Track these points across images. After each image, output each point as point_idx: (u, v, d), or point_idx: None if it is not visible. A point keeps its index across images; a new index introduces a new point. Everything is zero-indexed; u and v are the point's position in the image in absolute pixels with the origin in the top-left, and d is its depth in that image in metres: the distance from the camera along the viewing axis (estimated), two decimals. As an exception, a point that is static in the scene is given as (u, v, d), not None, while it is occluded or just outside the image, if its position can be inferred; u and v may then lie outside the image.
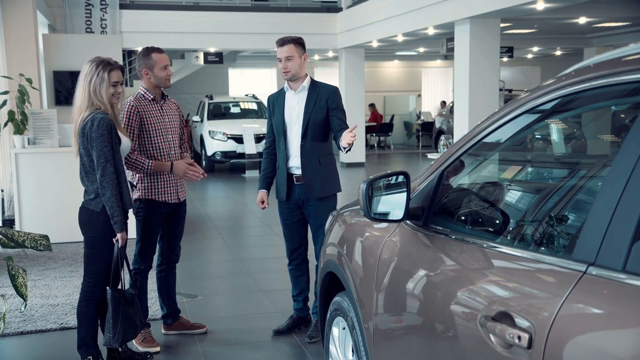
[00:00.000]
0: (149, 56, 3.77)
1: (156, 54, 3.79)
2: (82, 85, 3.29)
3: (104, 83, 3.26)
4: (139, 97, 3.79)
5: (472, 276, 1.72)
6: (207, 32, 13.66)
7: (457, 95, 10.10)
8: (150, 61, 3.76)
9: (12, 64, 7.86)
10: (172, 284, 4.10)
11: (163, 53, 3.84)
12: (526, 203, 2.22)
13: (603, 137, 2.30)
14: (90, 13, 12.64)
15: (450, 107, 15.66)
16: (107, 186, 3.20)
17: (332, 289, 2.84)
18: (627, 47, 1.59)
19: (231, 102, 15.82)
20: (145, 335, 3.87)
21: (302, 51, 3.87)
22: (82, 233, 3.39)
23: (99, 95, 3.26)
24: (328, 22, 14.40)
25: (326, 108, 3.84)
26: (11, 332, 4.19)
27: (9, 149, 7.15)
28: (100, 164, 3.20)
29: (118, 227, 3.26)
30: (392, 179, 2.12)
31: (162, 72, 3.77)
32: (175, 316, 4.15)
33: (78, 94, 3.30)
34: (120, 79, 3.34)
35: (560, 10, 10.10)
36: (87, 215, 3.35)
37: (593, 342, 1.28)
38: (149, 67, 3.77)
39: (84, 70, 3.31)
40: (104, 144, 3.19)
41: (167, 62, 3.82)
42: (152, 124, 3.76)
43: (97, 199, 3.28)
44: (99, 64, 3.28)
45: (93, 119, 3.22)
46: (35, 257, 6.06)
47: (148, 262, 3.89)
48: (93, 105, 3.27)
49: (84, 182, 3.36)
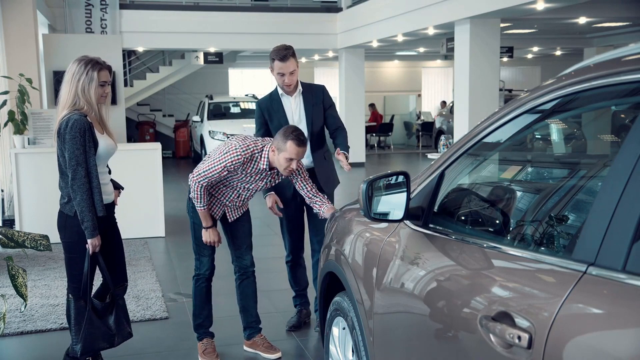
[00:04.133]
0: (285, 140, 3.40)
1: (292, 143, 3.39)
2: (68, 84, 3.17)
3: (93, 82, 3.15)
4: (254, 154, 3.47)
5: (472, 276, 1.72)
6: (207, 32, 13.66)
7: (457, 95, 10.10)
8: (283, 145, 3.42)
9: (12, 64, 7.85)
10: (247, 295, 3.84)
11: (302, 147, 3.43)
12: (526, 203, 2.22)
13: (603, 137, 2.29)
14: (90, 13, 12.64)
15: (450, 107, 15.66)
16: (77, 190, 3.08)
17: (332, 289, 2.84)
18: (627, 47, 1.59)
19: (231, 102, 15.82)
20: (207, 346, 3.76)
21: (297, 60, 3.96)
22: (60, 238, 3.27)
23: (87, 95, 3.15)
24: (328, 22, 14.40)
25: (322, 106, 4.06)
26: (11, 332, 4.19)
27: (9, 149, 7.15)
28: (71, 167, 3.07)
29: (88, 233, 3.12)
30: (392, 179, 2.12)
31: (285, 163, 3.44)
32: (250, 330, 3.88)
33: (63, 92, 3.18)
34: (108, 79, 3.23)
35: (560, 10, 10.10)
36: (61, 219, 3.23)
37: (593, 342, 1.28)
38: (278, 147, 3.45)
39: (71, 69, 3.18)
40: (75, 147, 3.07)
41: (296, 157, 3.42)
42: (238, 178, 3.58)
43: (70, 202, 3.16)
44: (88, 63, 3.17)
45: (68, 120, 3.10)
46: (35, 257, 6.06)
47: (202, 267, 3.74)
48: (74, 105, 3.15)
49: (60, 184, 3.25)
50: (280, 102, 4.02)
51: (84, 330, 3.18)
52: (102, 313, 3.26)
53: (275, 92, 4.05)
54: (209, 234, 3.61)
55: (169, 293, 5.10)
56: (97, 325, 3.22)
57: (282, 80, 3.91)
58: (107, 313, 3.29)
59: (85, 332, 3.18)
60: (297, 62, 3.93)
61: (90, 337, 3.20)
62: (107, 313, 3.29)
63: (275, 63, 3.87)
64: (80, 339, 3.18)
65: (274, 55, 3.87)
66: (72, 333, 3.21)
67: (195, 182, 3.48)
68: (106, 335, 3.25)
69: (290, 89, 3.96)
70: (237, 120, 14.43)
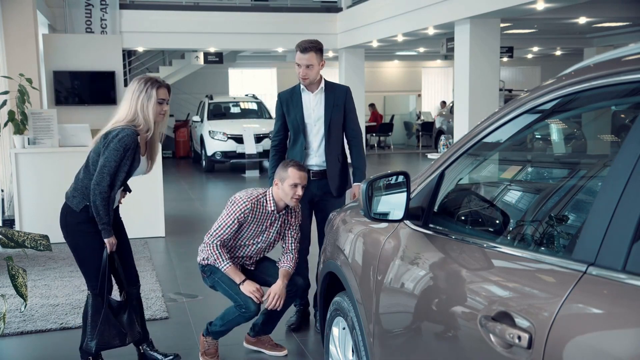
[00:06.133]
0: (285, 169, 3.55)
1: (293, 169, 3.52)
2: (129, 100, 3.29)
3: (151, 100, 3.27)
4: (260, 201, 3.59)
5: (472, 276, 1.72)
6: (207, 32, 13.65)
7: (457, 95, 10.10)
8: (285, 174, 3.54)
9: (12, 64, 7.85)
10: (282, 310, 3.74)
11: (302, 172, 3.54)
12: (526, 203, 2.22)
13: (603, 137, 2.30)
14: (90, 13, 12.63)
15: (450, 107, 15.65)
16: (97, 195, 3.18)
17: (332, 289, 2.84)
18: (627, 47, 1.59)
19: (231, 102, 15.82)
20: (210, 345, 3.71)
21: (321, 58, 3.94)
22: (63, 237, 3.36)
23: (146, 112, 3.26)
24: (328, 22, 14.39)
25: (343, 108, 4.02)
26: (11, 332, 4.19)
27: (9, 149, 7.15)
28: (100, 173, 3.18)
29: (105, 233, 3.25)
30: (392, 179, 2.12)
31: (290, 190, 3.53)
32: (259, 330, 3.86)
33: (123, 108, 3.29)
34: (167, 96, 3.35)
35: (560, 10, 10.09)
36: (64, 213, 3.32)
37: (593, 342, 1.28)
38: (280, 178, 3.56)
39: (130, 87, 3.31)
40: (113, 158, 3.18)
41: (300, 182, 3.51)
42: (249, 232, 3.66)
43: (78, 198, 3.26)
44: (147, 81, 3.30)
45: (121, 131, 3.20)
46: (35, 257, 6.06)
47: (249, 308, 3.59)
48: (133, 121, 3.27)
49: (79, 175, 3.33)
50: (300, 97, 4.01)
51: (99, 327, 3.28)
52: (116, 311, 3.36)
53: (297, 87, 4.05)
54: (246, 288, 3.52)
55: (169, 293, 5.09)
56: (113, 323, 3.32)
57: (298, 71, 3.92)
58: (121, 311, 3.39)
59: (101, 329, 3.28)
60: (319, 59, 3.90)
61: (106, 335, 3.30)
62: (121, 311, 3.39)
63: (297, 53, 3.90)
64: (95, 336, 3.28)
65: (298, 44, 3.91)
66: (88, 329, 3.30)
67: (209, 245, 3.53)
68: (120, 334, 3.35)
69: (306, 82, 3.94)
70: (237, 120, 14.43)
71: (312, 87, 3.99)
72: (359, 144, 4.13)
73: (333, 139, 4.02)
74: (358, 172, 4.10)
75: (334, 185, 4.05)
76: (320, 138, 4.01)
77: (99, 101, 11.56)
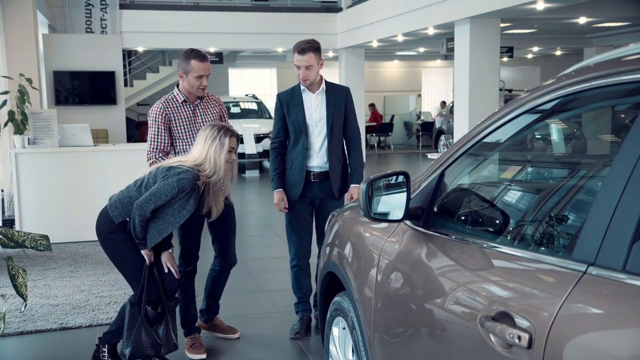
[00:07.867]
0: (188, 61, 3.66)
1: (195, 61, 3.65)
2: (201, 145, 3.38)
3: (223, 148, 3.37)
4: (168, 99, 3.73)
5: (472, 276, 1.72)
6: (207, 32, 13.65)
7: (457, 95, 10.10)
8: (188, 66, 3.66)
9: (12, 64, 7.86)
10: (220, 285, 4.00)
11: (204, 62, 3.68)
12: (526, 203, 2.22)
13: (603, 137, 2.30)
14: (90, 13, 12.63)
15: (450, 107, 15.65)
16: (137, 215, 3.24)
17: (332, 289, 2.84)
18: (627, 47, 1.59)
19: (231, 102, 15.81)
20: (195, 341, 3.81)
21: (319, 57, 3.91)
22: (102, 246, 3.45)
23: (217, 158, 3.35)
24: (328, 22, 14.39)
25: (344, 109, 4.00)
26: (11, 332, 4.19)
27: (9, 149, 7.15)
28: (148, 199, 3.24)
29: (142, 245, 3.33)
30: (392, 179, 2.12)
31: (195, 82, 3.67)
32: (209, 315, 4.05)
33: (196, 150, 3.38)
34: (236, 145, 3.45)
35: (560, 10, 10.10)
36: (100, 221, 3.37)
37: (593, 342, 1.28)
38: (184, 71, 3.68)
39: (204, 132, 3.41)
40: (165, 193, 3.23)
41: (203, 72, 3.66)
42: (181, 127, 3.71)
43: (120, 210, 3.32)
44: (221, 129, 3.40)
45: (183, 172, 3.26)
46: (35, 257, 6.06)
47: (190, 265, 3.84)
48: (200, 165, 3.34)
49: (129, 188, 3.40)
50: (301, 97, 3.97)
51: (134, 335, 3.34)
52: (153, 321, 3.41)
53: (297, 87, 4.01)
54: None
55: (169, 293, 5.09)
56: (148, 332, 3.38)
57: (298, 73, 3.89)
58: (158, 323, 3.43)
59: (136, 337, 3.35)
60: (318, 58, 3.87)
61: (140, 344, 3.36)
62: (158, 323, 3.43)
63: (295, 55, 3.88)
64: (130, 343, 3.34)
65: (295, 46, 3.88)
66: (124, 336, 3.37)
67: (154, 162, 3.65)
68: (155, 344, 3.40)
69: (307, 83, 3.91)
70: (237, 120, 14.40)
71: (312, 87, 3.95)
72: (358, 146, 4.10)
73: (335, 140, 3.99)
74: (356, 174, 4.04)
75: (337, 187, 4.01)
76: (322, 139, 3.98)
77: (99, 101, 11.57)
